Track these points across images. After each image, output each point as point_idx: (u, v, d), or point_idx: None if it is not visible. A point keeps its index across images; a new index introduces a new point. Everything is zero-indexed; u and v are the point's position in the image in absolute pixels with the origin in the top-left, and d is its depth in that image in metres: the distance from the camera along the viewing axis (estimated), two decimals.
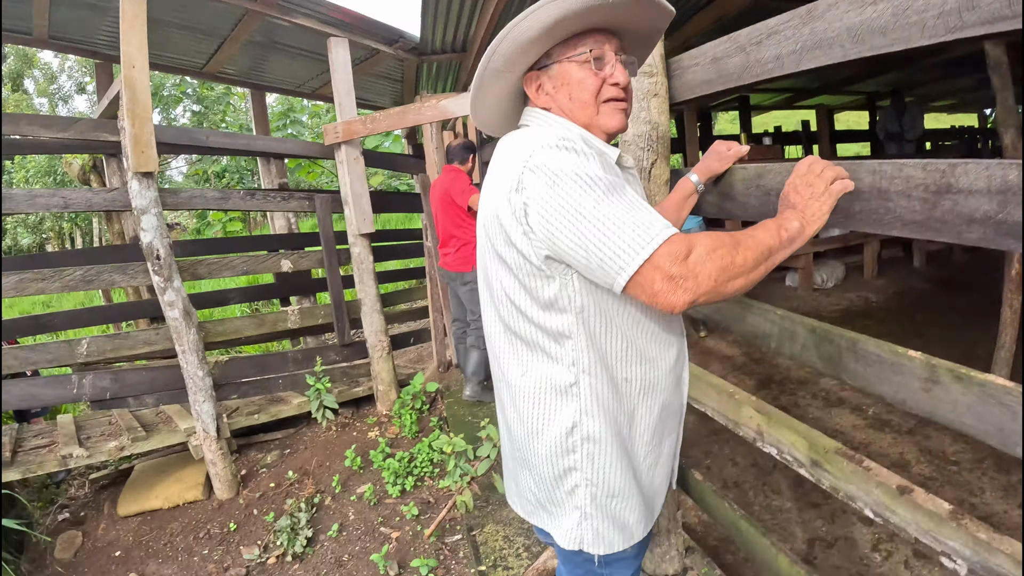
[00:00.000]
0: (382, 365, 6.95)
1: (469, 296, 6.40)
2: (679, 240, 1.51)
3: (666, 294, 1.51)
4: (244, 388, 6.45)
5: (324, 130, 6.42)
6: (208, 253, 7.66)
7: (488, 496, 5.06)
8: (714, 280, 1.52)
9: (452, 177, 6.20)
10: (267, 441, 6.85)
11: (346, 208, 6.58)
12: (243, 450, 6.70)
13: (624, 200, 1.56)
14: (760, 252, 1.60)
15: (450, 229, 6.32)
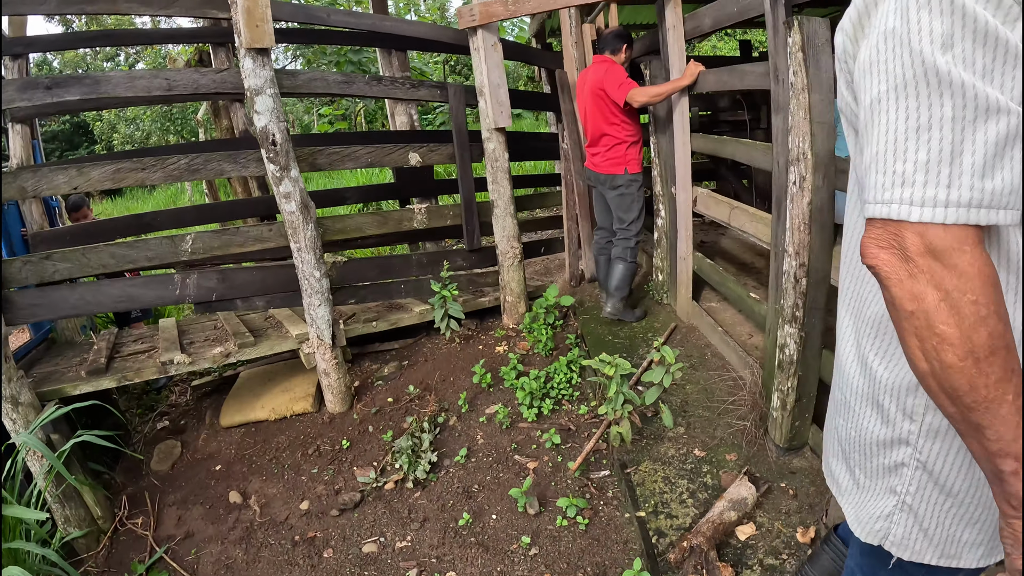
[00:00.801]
0: (512, 274, 6.24)
1: (619, 202, 5.65)
2: None
3: None
4: (362, 293, 5.87)
5: (458, 12, 5.65)
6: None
7: (643, 429, 4.37)
8: None
9: (606, 68, 5.39)
10: (384, 351, 6.27)
11: (480, 100, 5.83)
12: (357, 360, 6.14)
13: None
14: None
15: (602, 126, 5.53)
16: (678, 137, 5.35)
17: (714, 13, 4.53)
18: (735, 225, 4.68)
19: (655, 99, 5.16)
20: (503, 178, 5.98)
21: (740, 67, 4.33)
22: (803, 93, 3.30)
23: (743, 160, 4.59)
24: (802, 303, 3.56)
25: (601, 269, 6.17)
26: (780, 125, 3.69)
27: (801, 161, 3.39)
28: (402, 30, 6.24)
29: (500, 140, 5.91)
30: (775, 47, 3.63)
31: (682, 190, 5.46)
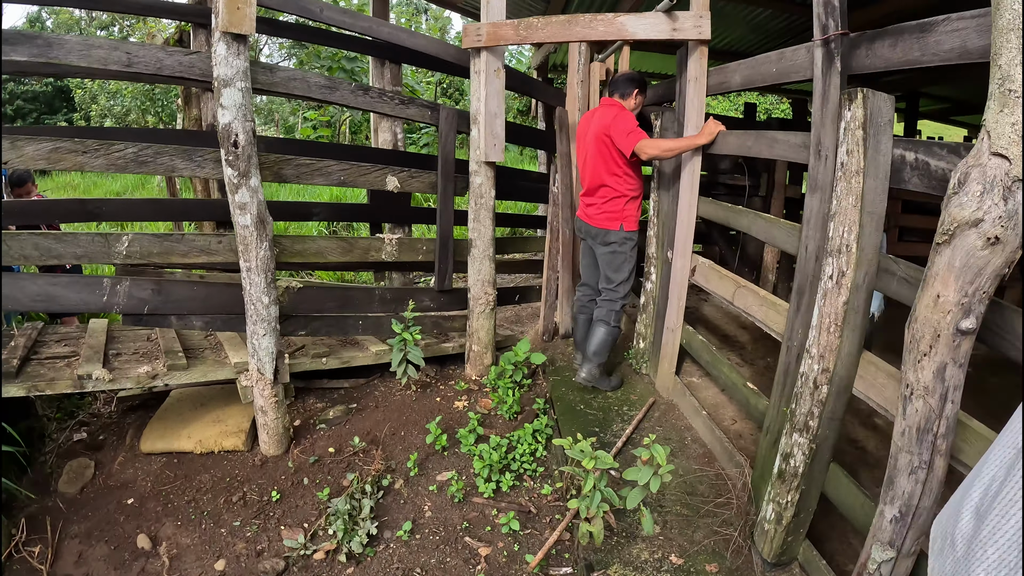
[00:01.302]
0: (482, 323, 5.70)
1: (609, 260, 5.12)
2: None
3: None
4: (315, 325, 5.22)
5: (464, 31, 5.11)
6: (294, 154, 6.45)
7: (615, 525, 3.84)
8: None
9: (615, 114, 4.86)
10: (332, 389, 5.67)
11: (473, 128, 5.29)
12: (301, 395, 5.53)
13: None
14: None
15: (602, 175, 5.01)
16: (684, 199, 4.85)
17: (747, 71, 4.07)
18: (740, 306, 4.18)
19: (666, 154, 4.67)
20: (486, 217, 5.44)
21: (770, 134, 3.82)
22: (856, 177, 2.81)
23: (761, 237, 4.07)
24: (819, 412, 3.09)
25: (579, 329, 5.64)
26: (815, 207, 3.25)
27: (842, 254, 2.91)
28: (400, 39, 5.65)
29: (489, 175, 5.37)
30: (821, 118, 3.19)
31: (680, 256, 4.95)
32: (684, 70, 4.77)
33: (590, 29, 4.71)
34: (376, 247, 5.37)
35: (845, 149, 2.86)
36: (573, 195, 6.04)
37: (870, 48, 3.00)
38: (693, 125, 4.69)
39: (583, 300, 5.58)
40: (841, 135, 2.89)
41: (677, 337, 5.10)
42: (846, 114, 2.85)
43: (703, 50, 4.59)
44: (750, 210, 4.18)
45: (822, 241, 3.17)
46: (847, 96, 2.84)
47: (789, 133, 3.62)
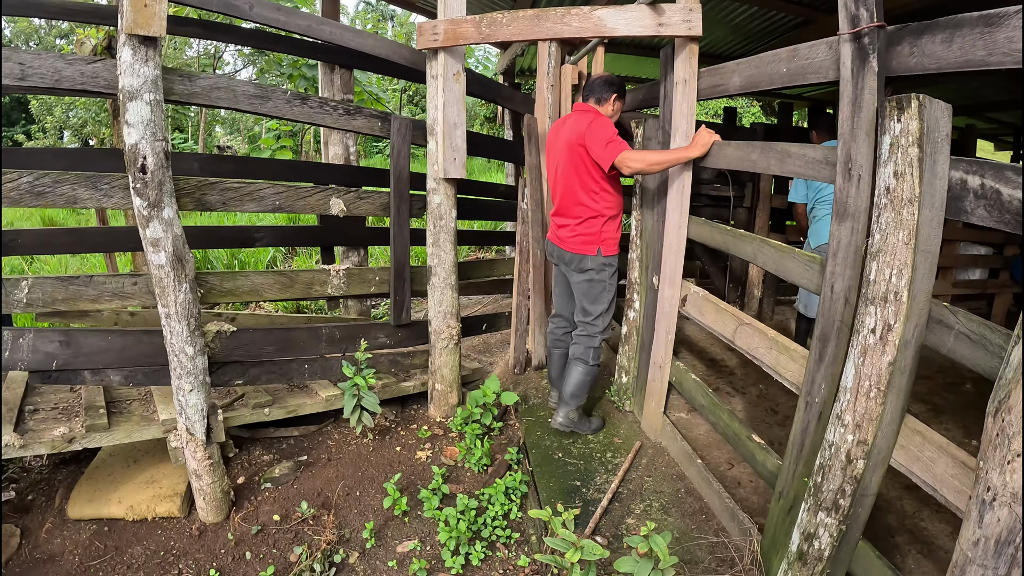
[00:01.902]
0: (446, 359, 5.06)
1: (586, 289, 4.48)
2: None
3: None
4: (254, 372, 4.52)
5: (419, 29, 4.46)
6: (231, 175, 5.70)
7: None
8: None
9: (590, 120, 4.19)
10: (279, 438, 4.98)
11: (431, 140, 4.66)
12: (245, 445, 4.84)
13: None
14: None
15: (576, 192, 4.36)
16: (671, 219, 4.24)
17: (749, 72, 3.46)
18: (742, 347, 3.57)
19: (653, 168, 4.02)
20: (447, 240, 4.79)
21: (781, 147, 3.20)
22: (909, 207, 2.26)
23: (769, 268, 3.43)
24: (851, 490, 2.55)
25: (554, 364, 5.00)
26: (844, 238, 2.66)
27: (889, 303, 2.35)
28: (344, 40, 4.92)
29: (449, 194, 4.73)
30: (851, 130, 2.59)
31: (668, 284, 4.33)
32: (670, 71, 4.16)
33: (563, 25, 4.07)
34: (320, 280, 4.70)
35: (891, 171, 2.30)
36: (544, 211, 5.40)
37: (915, 45, 2.40)
38: (682, 134, 4.07)
39: (557, 333, 4.94)
40: (884, 152, 2.33)
41: (666, 374, 4.48)
42: (892, 126, 2.28)
43: (693, 48, 3.97)
44: (754, 235, 3.54)
45: (854, 280, 2.62)
46: (895, 104, 2.26)
47: (807, 147, 3.00)
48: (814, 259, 2.96)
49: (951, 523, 3.72)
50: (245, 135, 23.04)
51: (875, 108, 2.48)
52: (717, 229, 3.92)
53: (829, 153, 2.80)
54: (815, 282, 2.93)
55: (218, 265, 9.50)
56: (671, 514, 3.84)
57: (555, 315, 4.96)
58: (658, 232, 4.47)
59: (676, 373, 4.42)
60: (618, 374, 5.17)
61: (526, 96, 6.22)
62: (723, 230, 3.84)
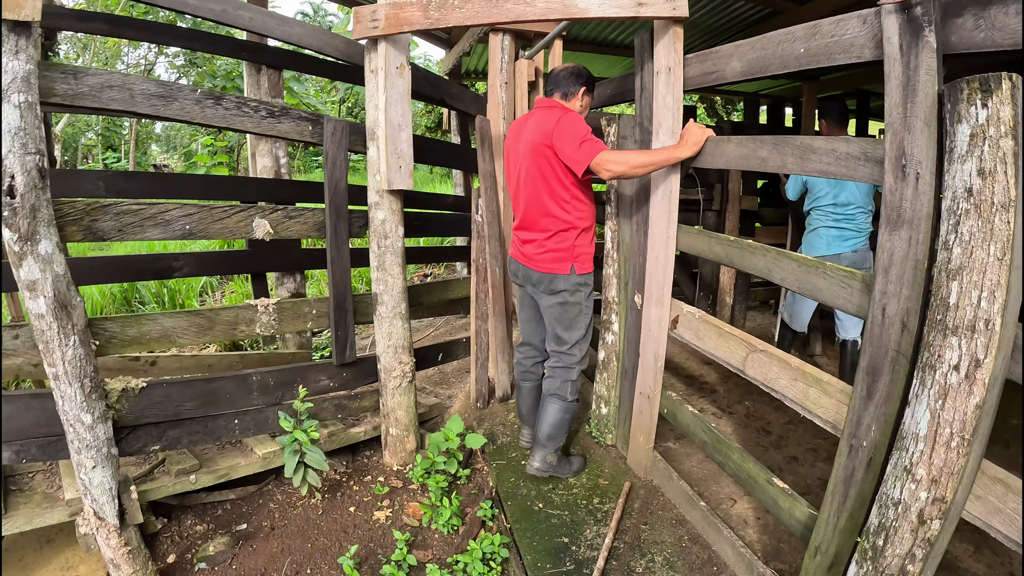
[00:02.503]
0: (399, 399, 4.51)
1: (559, 313, 3.97)
2: None
3: None
4: (174, 434, 3.90)
5: (355, 15, 3.86)
6: (142, 195, 5.11)
7: None
8: None
9: (558, 118, 3.66)
10: (214, 503, 4.32)
11: (371, 146, 4.08)
12: (174, 515, 4.17)
13: None
14: None
15: (543, 202, 3.83)
16: (657, 228, 3.77)
17: (753, 54, 3.00)
18: (755, 377, 3.12)
19: (636, 172, 3.49)
20: (394, 263, 4.24)
21: (801, 141, 2.72)
22: (1002, 213, 1.84)
23: (791, 286, 2.94)
24: (923, 554, 2.13)
25: (523, 399, 4.49)
26: (901, 250, 2.23)
27: (978, 333, 1.91)
28: (268, 27, 4.33)
29: (394, 208, 4.17)
30: (904, 119, 2.17)
31: (656, 304, 3.86)
32: (649, 59, 3.68)
33: (526, 6, 3.51)
34: (246, 318, 4.08)
35: (973, 168, 1.88)
36: (501, 224, 4.89)
37: (982, 16, 1.99)
38: (667, 131, 3.58)
39: (526, 364, 4.41)
40: (960, 145, 1.92)
41: (655, 406, 4.00)
42: (973, 113, 1.87)
43: (678, 32, 3.48)
44: (768, 247, 3.05)
45: (913, 301, 2.20)
46: (978, 86, 1.84)
47: (836, 140, 2.53)
48: (852, 275, 2.50)
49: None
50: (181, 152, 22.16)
51: (935, 92, 2.05)
52: (717, 240, 3.42)
53: (869, 147, 2.35)
54: (855, 303, 2.48)
55: (146, 295, 8.79)
56: (678, 569, 3.38)
57: (523, 344, 4.44)
58: (639, 244, 3.99)
59: (668, 404, 3.95)
60: (596, 404, 4.67)
61: (477, 96, 5.71)
62: (724, 241, 3.35)
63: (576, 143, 3.50)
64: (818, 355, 6.75)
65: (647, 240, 3.87)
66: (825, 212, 5.16)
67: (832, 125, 5.28)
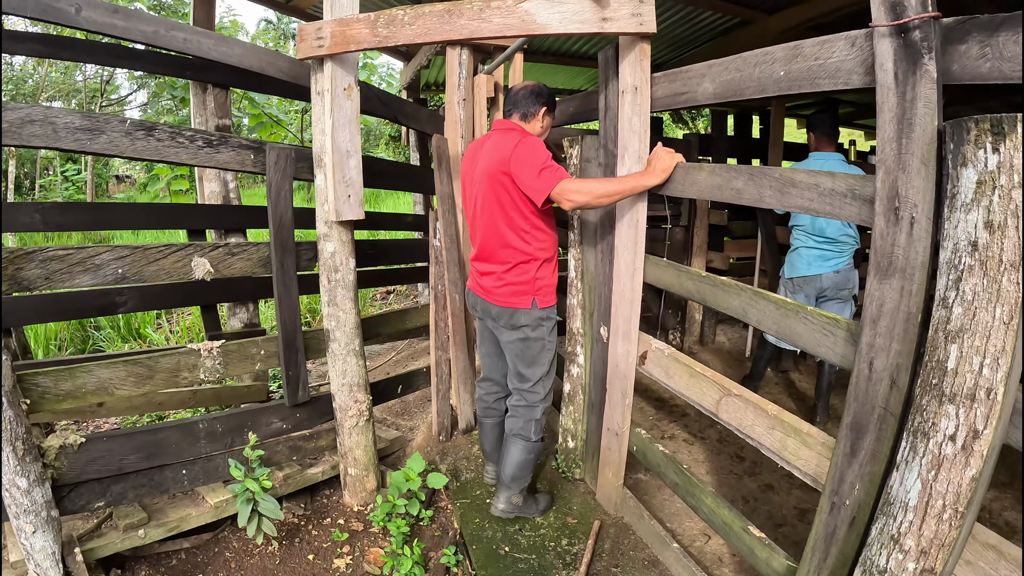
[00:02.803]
0: (357, 439, 4.23)
1: (520, 350, 3.70)
2: None
3: None
4: (120, 489, 3.64)
5: (299, 33, 3.59)
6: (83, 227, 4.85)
7: None
8: None
9: (515, 142, 3.39)
10: (168, 553, 3.99)
11: (318, 174, 3.80)
12: (128, 566, 3.83)
13: None
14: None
15: (501, 231, 3.56)
16: (623, 260, 3.53)
17: (727, 76, 2.76)
18: (729, 422, 2.89)
19: (600, 202, 3.21)
20: (346, 297, 3.97)
21: (780, 174, 2.48)
22: (1011, 274, 1.63)
23: (767, 329, 2.70)
24: None
25: (486, 436, 4.24)
26: (891, 300, 2.03)
27: (978, 402, 1.71)
28: (203, 49, 3.98)
29: (344, 239, 3.90)
30: (898, 155, 1.95)
31: (623, 339, 3.62)
32: (614, 77, 3.44)
33: (481, 22, 3.23)
34: (189, 364, 3.77)
35: (980, 220, 1.66)
36: (461, 249, 4.62)
37: (988, 43, 1.77)
38: (633, 155, 3.33)
39: (488, 400, 4.16)
40: (965, 192, 1.69)
41: (624, 443, 3.77)
42: (982, 157, 1.65)
43: (645, 48, 3.23)
44: (743, 286, 2.81)
45: (904, 357, 1.99)
46: (989, 127, 1.62)
47: (820, 175, 2.29)
48: (836, 322, 2.27)
49: None
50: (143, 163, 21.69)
51: (934, 128, 1.83)
52: (688, 275, 3.17)
53: (857, 184, 2.11)
54: (839, 352, 2.26)
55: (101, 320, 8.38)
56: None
57: (484, 379, 4.18)
58: (604, 274, 3.75)
59: (637, 442, 3.72)
60: (563, 437, 4.42)
61: (433, 113, 5.42)
62: (696, 277, 3.10)
63: (535, 171, 3.23)
64: (790, 370, 6.54)
65: (612, 270, 3.62)
66: (806, 232, 5.00)
67: (821, 139, 5.07)
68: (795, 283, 5.14)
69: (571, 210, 3.31)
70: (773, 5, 6.78)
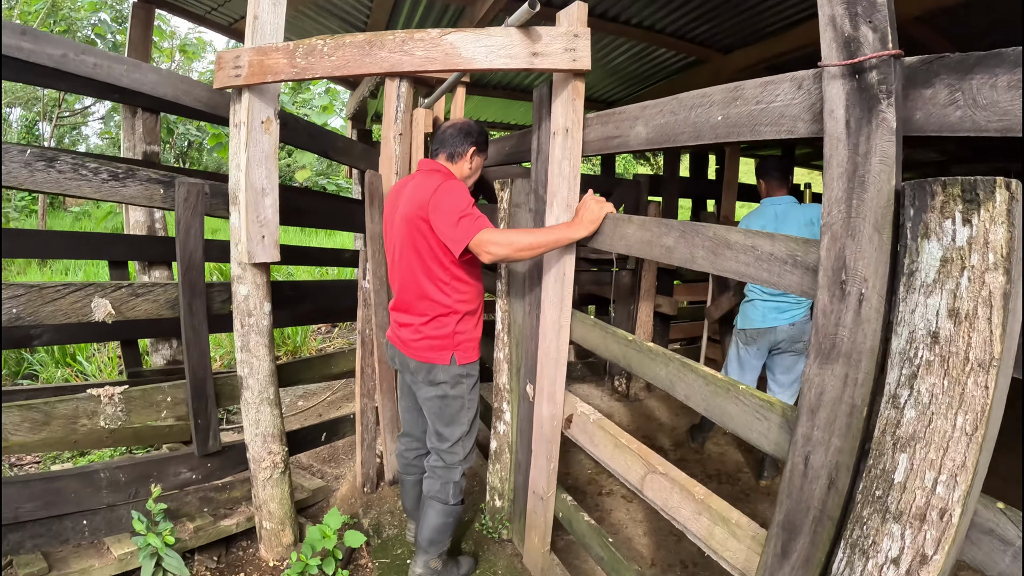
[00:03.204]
0: (272, 491, 3.76)
1: (439, 408, 3.27)
2: None
3: None
4: (15, 538, 3.24)
5: (217, 61, 3.19)
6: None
7: None
8: None
9: (435, 186, 2.98)
10: None
11: (233, 212, 3.36)
12: None
13: None
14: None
15: (419, 283, 3.15)
16: (549, 317, 3.14)
17: (661, 119, 2.38)
18: (654, 501, 2.49)
19: (521, 255, 2.81)
20: (259, 343, 3.53)
21: (715, 232, 2.08)
22: (978, 374, 1.29)
23: (697, 408, 2.29)
24: None
25: (407, 494, 3.79)
26: (832, 388, 1.67)
27: (929, 524, 1.38)
28: (114, 75, 3.50)
29: (259, 282, 3.46)
30: (847, 220, 1.59)
31: (548, 400, 3.22)
32: (547, 117, 3.07)
33: (402, 55, 2.82)
34: (88, 411, 3.30)
35: (943, 305, 1.32)
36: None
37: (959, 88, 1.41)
38: (561, 203, 2.96)
39: (408, 456, 3.71)
40: (927, 271, 1.35)
41: (550, 508, 3.36)
42: (952, 230, 1.31)
43: (578, 87, 2.85)
44: (671, 354, 2.42)
45: (846, 455, 1.61)
46: (960, 193, 1.29)
47: (758, 236, 1.91)
48: (770, 405, 1.89)
49: None
50: None
51: (891, 188, 1.46)
52: (614, 337, 2.76)
53: (800, 249, 1.74)
54: (772, 440, 1.89)
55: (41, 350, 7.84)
56: None
57: (404, 434, 3.72)
58: (531, 328, 3.35)
59: (563, 509, 3.31)
60: (490, 496, 3.99)
61: (368, 149, 4.99)
62: (621, 339, 2.70)
63: (454, 218, 2.82)
64: None
65: (540, 327, 3.23)
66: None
67: (772, 184, 4.74)
68: (748, 335, 4.77)
69: (494, 260, 2.89)
70: (728, 44, 6.50)
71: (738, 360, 4.90)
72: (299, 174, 13.63)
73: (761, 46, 6.11)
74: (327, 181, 17.28)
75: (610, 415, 5.99)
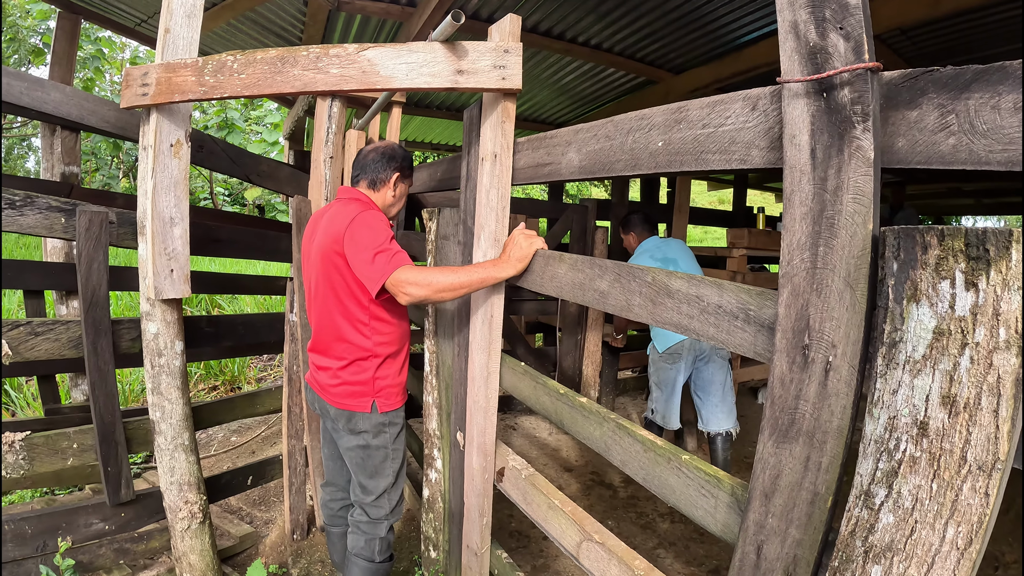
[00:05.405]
0: (191, 542, 3.35)
1: (361, 459, 2.90)
2: None
3: None
4: None
5: (125, 78, 2.82)
6: None
7: None
8: None
9: (352, 217, 2.63)
10: None
11: (140, 243, 2.97)
12: None
13: None
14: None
15: (335, 322, 2.80)
16: (477, 362, 2.79)
17: (596, 145, 2.04)
18: (591, 571, 2.13)
19: (442, 296, 2.44)
20: (171, 385, 3.13)
21: (656, 277, 1.75)
22: (977, 478, 0.96)
23: (634, 476, 1.93)
24: None
25: (334, 547, 3.39)
26: (792, 474, 1.34)
27: None
28: (12, 93, 3.06)
29: (170, 320, 3.08)
30: (811, 269, 1.26)
31: (478, 452, 2.86)
32: (476, 142, 2.74)
33: (317, 72, 2.47)
34: None
35: (936, 390, 0.99)
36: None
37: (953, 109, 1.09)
38: (489, 236, 2.62)
39: (333, 507, 3.33)
40: (914, 345, 1.02)
41: (485, 565, 2.99)
42: (952, 295, 0.97)
43: (508, 108, 2.52)
44: (606, 413, 2.07)
45: (806, 550, 1.30)
46: (963, 248, 0.94)
47: (705, 284, 1.57)
48: (718, 482, 1.57)
49: None
50: None
51: (867, 233, 1.14)
52: (545, 389, 2.41)
53: (754, 303, 1.41)
54: (719, 520, 1.57)
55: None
56: None
57: (327, 483, 3.34)
58: (460, 372, 2.99)
59: (499, 567, 2.96)
60: (425, 546, 3.60)
61: (296, 172, 4.59)
62: (553, 392, 2.34)
63: (370, 254, 2.47)
64: (693, 450, 5.80)
65: (468, 372, 2.88)
66: None
67: (643, 234, 4.67)
68: (671, 354, 4.50)
69: (412, 301, 2.52)
70: (680, 64, 6.22)
71: (672, 385, 4.65)
72: (248, 192, 13.12)
73: (714, 66, 5.86)
74: (280, 200, 16.58)
75: (557, 448, 5.66)
